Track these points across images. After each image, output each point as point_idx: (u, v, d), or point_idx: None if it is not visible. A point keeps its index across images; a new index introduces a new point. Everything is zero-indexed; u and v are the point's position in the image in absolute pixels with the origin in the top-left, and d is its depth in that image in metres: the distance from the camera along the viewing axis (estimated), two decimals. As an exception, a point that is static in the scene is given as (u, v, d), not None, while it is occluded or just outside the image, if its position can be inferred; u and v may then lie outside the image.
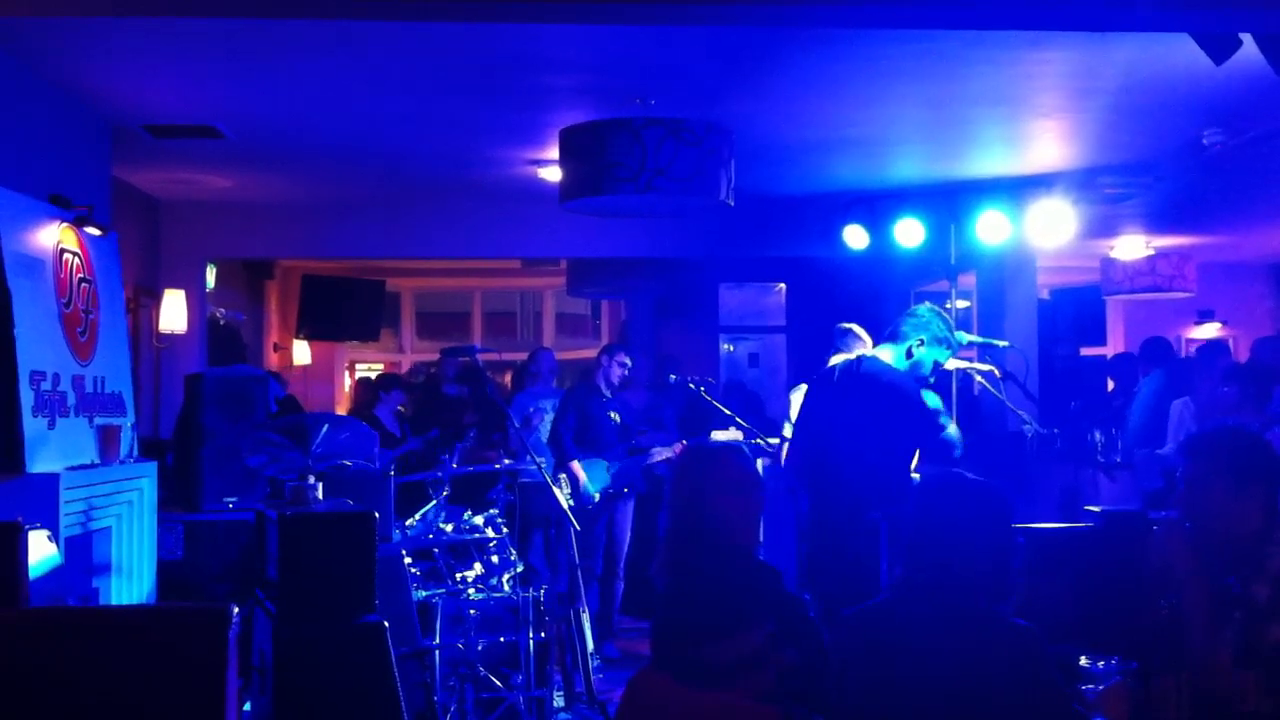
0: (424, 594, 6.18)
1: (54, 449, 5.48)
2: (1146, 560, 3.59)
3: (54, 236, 5.80)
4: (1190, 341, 13.81)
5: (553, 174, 8.16)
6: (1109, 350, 13.81)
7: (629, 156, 6.38)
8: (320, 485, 5.12)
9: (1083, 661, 3.32)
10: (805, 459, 5.64)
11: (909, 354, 5.48)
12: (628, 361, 8.46)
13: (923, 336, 5.47)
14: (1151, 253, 11.80)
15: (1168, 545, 3.46)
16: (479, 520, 6.57)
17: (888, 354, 5.52)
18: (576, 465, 8.02)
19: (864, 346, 6.58)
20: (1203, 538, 3.42)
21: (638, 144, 6.38)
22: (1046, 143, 8.11)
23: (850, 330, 7.17)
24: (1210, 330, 14.03)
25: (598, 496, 8.04)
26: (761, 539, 3.71)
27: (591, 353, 8.81)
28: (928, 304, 5.66)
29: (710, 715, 2.96)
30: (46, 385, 5.49)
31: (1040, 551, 4.72)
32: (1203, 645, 3.22)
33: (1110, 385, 11.01)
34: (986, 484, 3.30)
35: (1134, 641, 3.53)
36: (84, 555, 5.66)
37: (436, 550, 6.36)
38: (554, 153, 7.39)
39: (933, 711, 2.94)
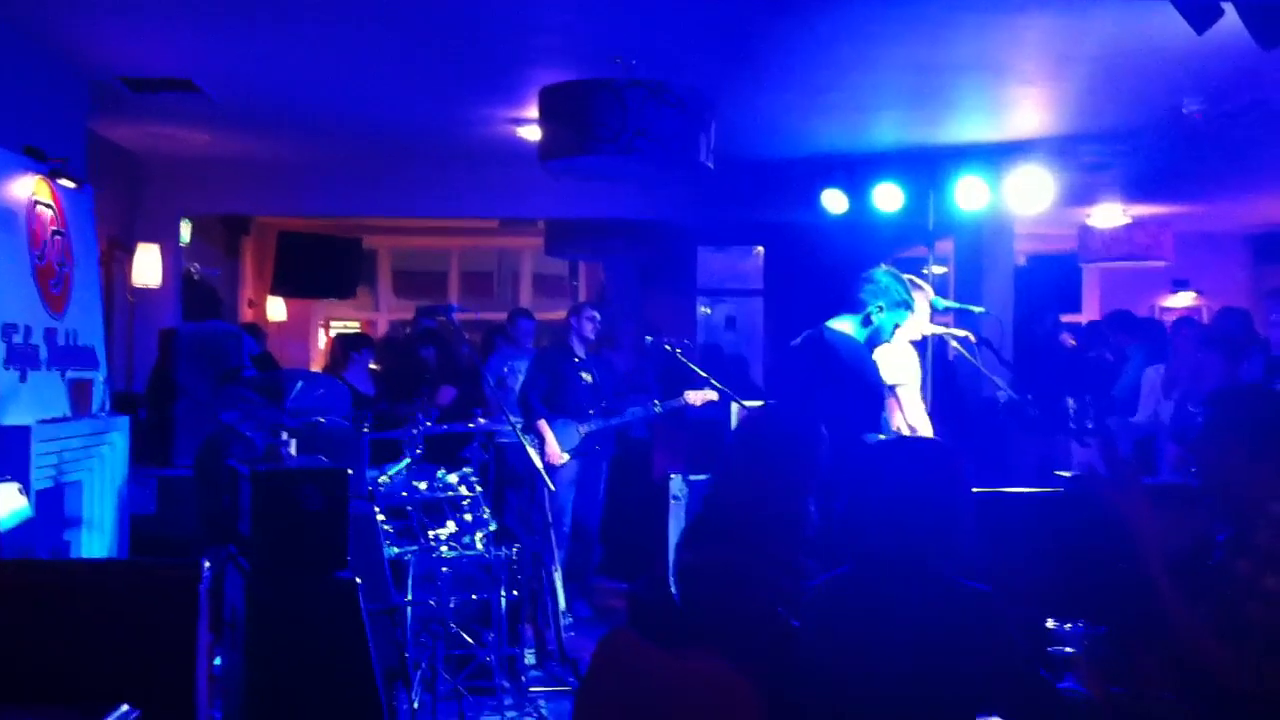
0: (396, 551, 6.19)
1: (26, 402, 5.46)
2: (1113, 523, 3.59)
3: (28, 188, 5.75)
4: (1165, 310, 13.87)
5: (532, 133, 8.10)
6: (1084, 318, 13.86)
7: (610, 117, 6.34)
8: (294, 441, 5.11)
9: (1050, 624, 3.34)
10: None
11: (867, 321, 5.50)
12: (596, 315, 8.44)
13: (881, 303, 5.50)
14: (1129, 221, 11.83)
15: (1122, 504, 3.41)
16: (453, 479, 6.57)
17: (848, 325, 5.53)
18: (544, 425, 8.01)
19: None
20: (1203, 493, 3.39)
21: (619, 104, 6.34)
22: (1026, 109, 8.11)
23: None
24: (1185, 299, 14.10)
25: (567, 457, 8.03)
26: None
27: (570, 313, 8.80)
28: (884, 266, 5.66)
29: (680, 676, 2.98)
30: (18, 338, 5.46)
31: (1011, 516, 4.76)
32: (1179, 617, 3.20)
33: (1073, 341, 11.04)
34: (933, 443, 3.31)
35: (1103, 605, 3.55)
36: (55, 508, 5.65)
37: (410, 508, 6.37)
38: (534, 112, 7.35)
39: (895, 682, 2.94)
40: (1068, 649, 3.30)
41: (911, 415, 6.11)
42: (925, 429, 6.06)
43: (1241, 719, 3.12)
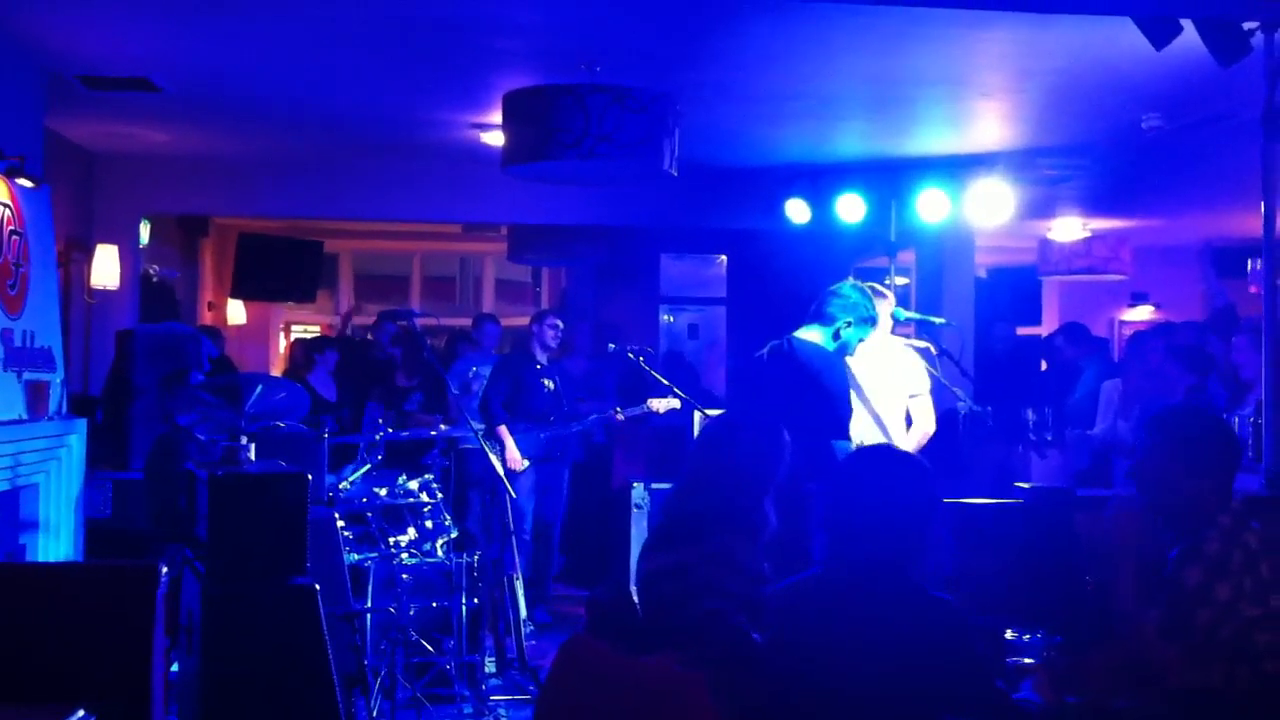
0: (356, 557, 6.16)
1: (-20, 403, 5.40)
2: (1076, 536, 3.63)
3: (-16, 187, 5.69)
4: (1124, 324, 13.99)
5: (496, 138, 8.09)
6: (1043, 330, 13.96)
7: (573, 122, 6.34)
8: (252, 446, 5.07)
9: (1009, 634, 3.36)
10: None
11: (837, 335, 5.61)
12: (559, 324, 8.47)
13: (850, 319, 5.60)
14: (1088, 235, 11.92)
15: (1115, 527, 3.49)
16: (414, 485, 6.54)
17: (816, 335, 5.62)
18: (504, 431, 8.00)
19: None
20: (1151, 511, 3.45)
21: (582, 110, 6.34)
22: (988, 122, 8.17)
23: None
24: (1143, 313, 14.23)
25: (526, 463, 8.03)
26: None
27: (533, 320, 8.80)
28: (851, 281, 5.78)
29: (639, 681, 2.98)
30: (-26, 338, 5.40)
31: (970, 526, 4.79)
32: (1130, 617, 3.26)
33: (1043, 365, 11.13)
34: (907, 455, 3.36)
35: (1059, 615, 3.58)
36: (10, 512, 5.60)
37: (370, 514, 6.33)
38: (497, 116, 7.34)
39: (856, 686, 2.96)
40: (1026, 659, 3.33)
41: (928, 423, 6.25)
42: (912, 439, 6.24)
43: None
